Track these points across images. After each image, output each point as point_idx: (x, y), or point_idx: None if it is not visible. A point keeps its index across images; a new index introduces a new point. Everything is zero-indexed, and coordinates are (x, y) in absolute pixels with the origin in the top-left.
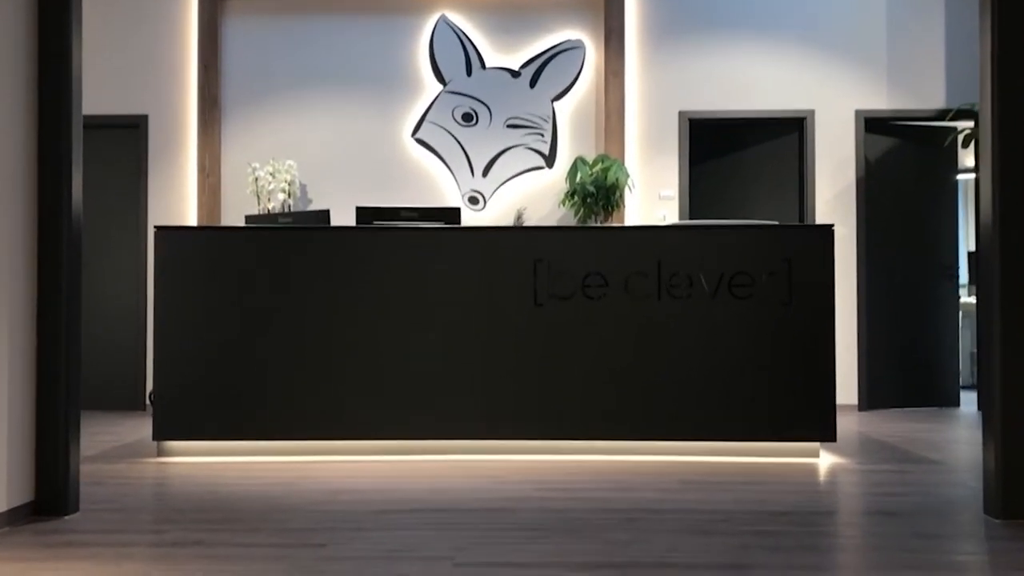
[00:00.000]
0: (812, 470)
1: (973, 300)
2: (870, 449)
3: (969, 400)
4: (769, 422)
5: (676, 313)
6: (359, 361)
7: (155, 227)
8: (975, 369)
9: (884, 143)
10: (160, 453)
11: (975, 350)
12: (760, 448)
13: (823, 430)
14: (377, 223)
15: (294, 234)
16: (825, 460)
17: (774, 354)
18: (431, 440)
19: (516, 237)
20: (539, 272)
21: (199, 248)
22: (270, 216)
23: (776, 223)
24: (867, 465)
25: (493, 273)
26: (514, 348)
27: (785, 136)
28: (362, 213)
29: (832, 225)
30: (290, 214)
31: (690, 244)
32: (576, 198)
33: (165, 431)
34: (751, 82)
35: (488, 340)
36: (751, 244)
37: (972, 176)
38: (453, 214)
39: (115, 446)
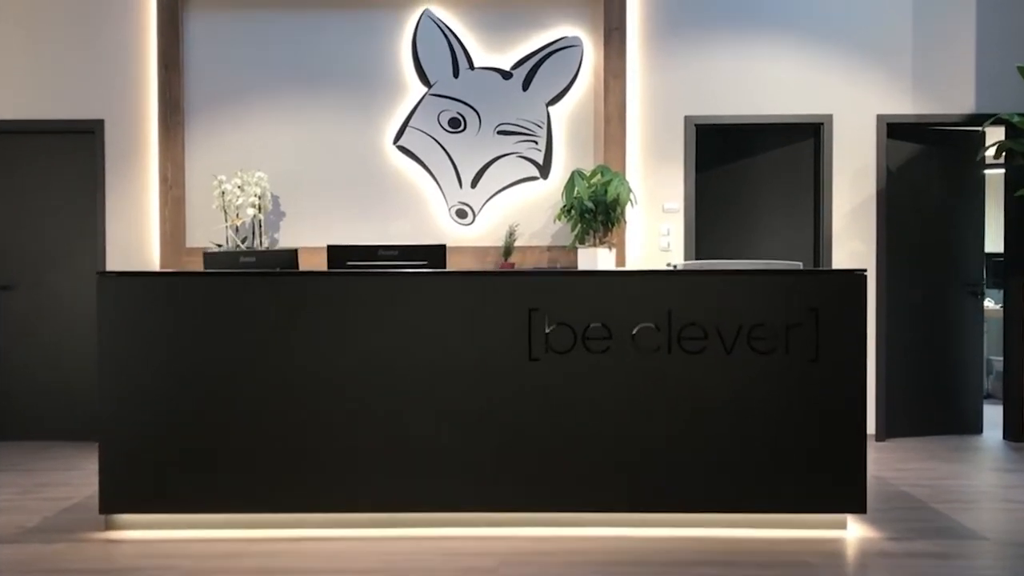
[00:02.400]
0: (838, 551)
1: (989, 304)
2: (901, 513)
3: (991, 421)
4: (791, 492)
5: (688, 369)
6: (330, 423)
7: (98, 273)
8: (987, 375)
9: (907, 150)
10: (108, 527)
11: (990, 356)
12: (780, 520)
13: (852, 502)
14: (351, 264)
15: (257, 280)
16: (853, 532)
17: (798, 416)
18: (415, 512)
19: (508, 283)
20: (534, 323)
21: (149, 296)
22: (231, 256)
23: (800, 267)
24: (902, 542)
25: (482, 323)
26: (506, 408)
27: (800, 143)
28: (335, 253)
29: (864, 272)
30: (253, 253)
31: (704, 291)
32: (573, 213)
33: (114, 503)
34: (763, 84)
35: (477, 399)
36: (773, 291)
37: (997, 172)
38: (437, 253)
39: (64, 508)
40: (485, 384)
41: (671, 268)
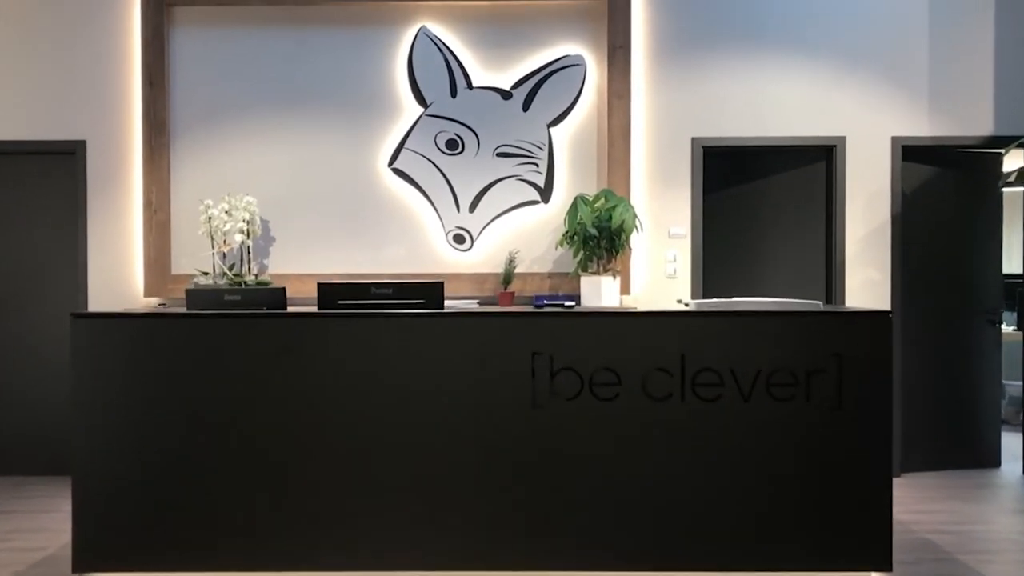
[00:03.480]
0: None
1: (1004, 328)
2: (928, 568)
3: (1010, 452)
4: (813, 549)
5: (703, 418)
6: (320, 474)
7: (72, 315)
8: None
9: (923, 173)
10: None
11: (1004, 381)
12: None
13: (877, 558)
14: (342, 303)
15: (242, 321)
16: None
17: (819, 469)
18: (412, 572)
19: (510, 323)
20: (538, 367)
21: (126, 339)
22: (215, 293)
23: (821, 306)
24: None
25: (482, 368)
26: (507, 459)
27: (811, 166)
28: (325, 292)
29: (890, 314)
30: (238, 290)
31: (720, 334)
32: (576, 239)
33: (88, 561)
34: (773, 105)
35: (476, 449)
36: (794, 334)
37: (1016, 190)
38: (434, 291)
39: (35, 562)
40: (485, 433)
41: (683, 306)
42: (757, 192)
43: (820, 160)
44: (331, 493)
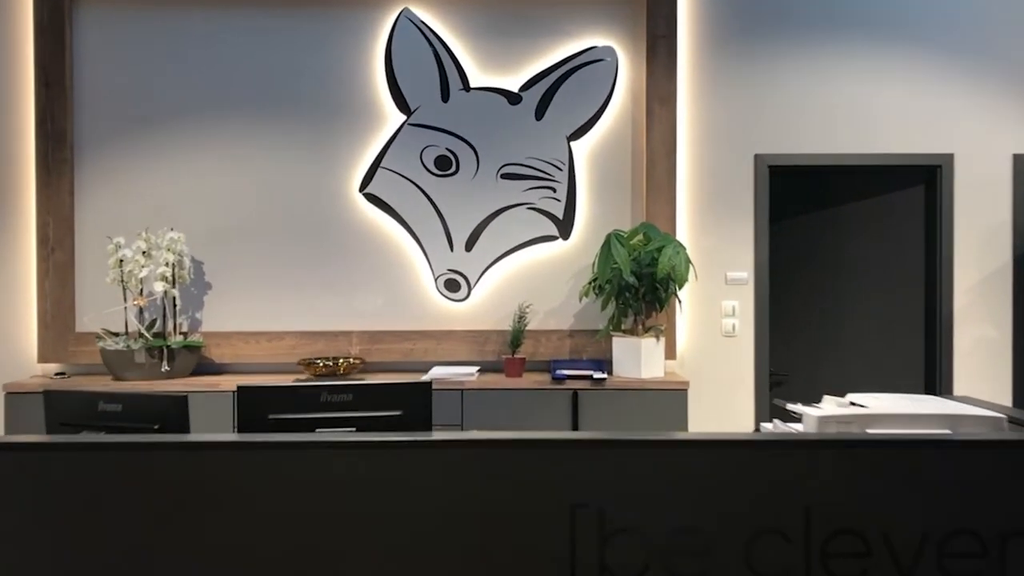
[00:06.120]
0: None
1: None
2: None
3: None
4: None
5: None
6: None
7: None
8: None
9: None
10: None
11: None
12: None
13: None
14: (275, 418)
15: (122, 455)
16: None
17: None
18: None
19: (537, 457)
20: (581, 527)
21: None
22: (83, 401)
23: (1006, 417)
24: None
25: (496, 526)
26: None
27: (908, 190)
28: (249, 401)
29: None
30: (119, 396)
31: (861, 474)
32: (608, 288)
33: None
34: (859, 113)
35: None
36: (982, 472)
37: None
38: (417, 397)
39: None
40: None
41: (793, 415)
42: (838, 224)
43: (919, 183)
44: None
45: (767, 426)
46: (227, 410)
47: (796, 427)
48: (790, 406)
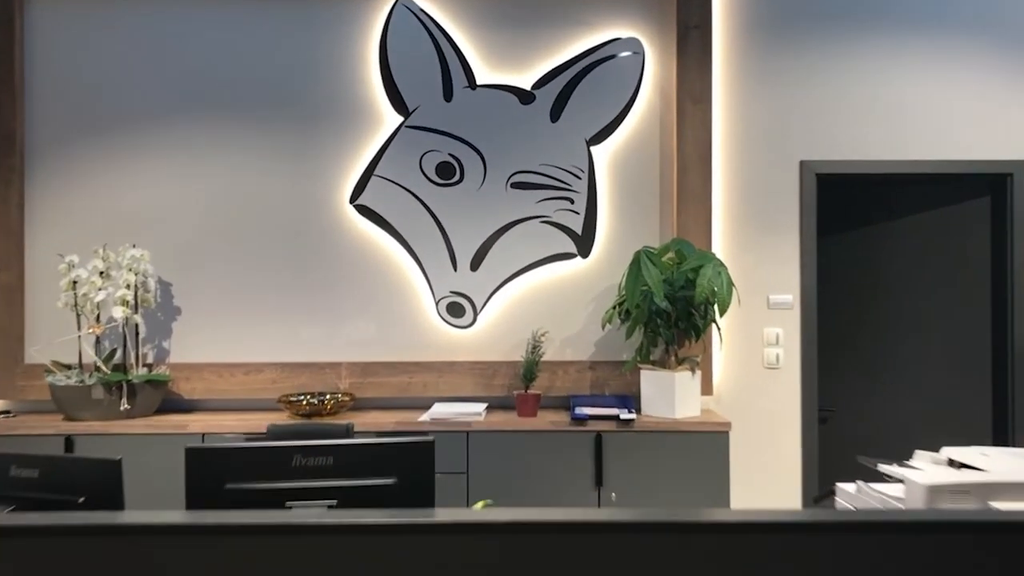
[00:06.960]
0: None
1: None
2: None
3: None
4: None
5: None
6: None
7: None
8: None
9: None
10: None
11: None
12: None
13: None
14: (233, 487)
15: (30, 542)
16: None
17: None
18: None
19: (557, 546)
20: None
21: None
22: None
23: None
24: None
25: None
26: None
27: (973, 202)
28: (199, 467)
29: None
30: (35, 460)
31: (1008, 567)
32: (636, 314)
33: None
34: (915, 116)
35: None
36: None
37: None
38: (419, 458)
39: None
40: None
41: (886, 477)
42: (893, 240)
43: (985, 194)
44: None
45: (847, 488)
46: None
47: (882, 490)
48: (883, 467)
